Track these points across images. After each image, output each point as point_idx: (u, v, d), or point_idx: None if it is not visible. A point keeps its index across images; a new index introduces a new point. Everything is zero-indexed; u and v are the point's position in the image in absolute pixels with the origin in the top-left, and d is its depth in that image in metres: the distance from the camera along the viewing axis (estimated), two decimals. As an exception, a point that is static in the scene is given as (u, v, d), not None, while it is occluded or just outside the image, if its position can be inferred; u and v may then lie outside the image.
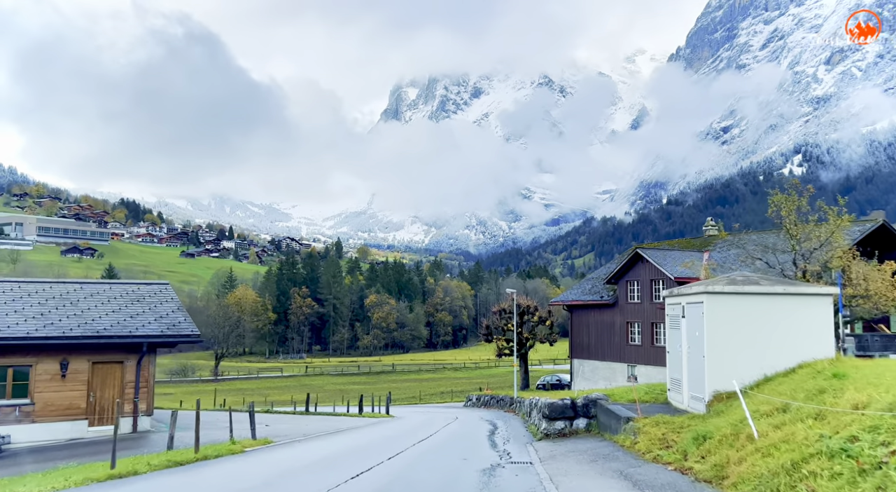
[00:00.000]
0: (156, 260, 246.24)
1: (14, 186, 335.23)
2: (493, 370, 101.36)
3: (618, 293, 38.16)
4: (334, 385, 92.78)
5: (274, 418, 29.64)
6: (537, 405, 18.69)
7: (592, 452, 12.12)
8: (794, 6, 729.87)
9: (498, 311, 41.29)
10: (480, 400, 40.02)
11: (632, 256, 36.72)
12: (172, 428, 15.35)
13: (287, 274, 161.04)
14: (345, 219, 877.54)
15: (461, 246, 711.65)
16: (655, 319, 35.54)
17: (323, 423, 25.92)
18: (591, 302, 39.56)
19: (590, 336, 40.19)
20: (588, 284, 41.79)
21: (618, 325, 38.06)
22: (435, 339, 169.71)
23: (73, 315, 19.30)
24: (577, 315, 41.27)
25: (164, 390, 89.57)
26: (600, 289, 40.25)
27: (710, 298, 12.66)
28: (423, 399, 60.03)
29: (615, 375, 38.10)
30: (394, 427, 23.51)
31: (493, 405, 37.33)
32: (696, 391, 13.08)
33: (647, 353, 36.07)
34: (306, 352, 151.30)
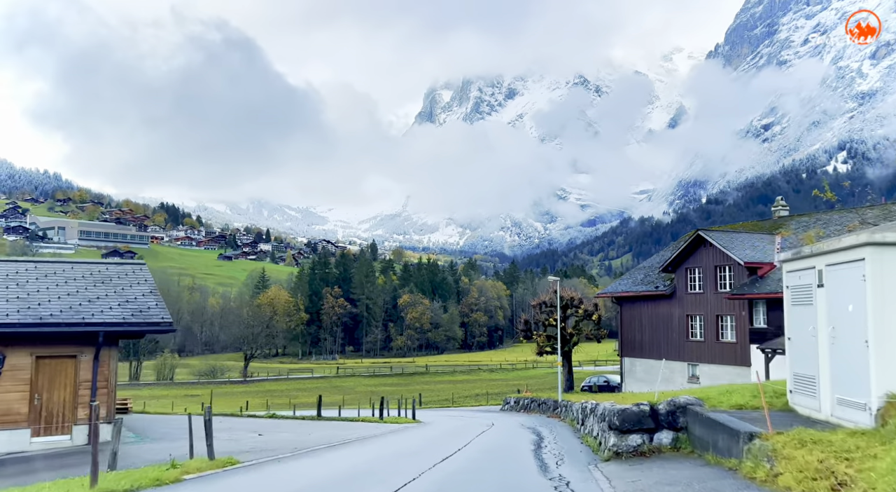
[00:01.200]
0: (194, 263, 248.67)
1: (58, 192, 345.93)
2: (531, 372, 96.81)
3: (676, 283, 33.50)
4: (365, 387, 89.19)
5: (275, 424, 25.74)
6: (597, 412, 14.31)
7: (702, 487, 7.81)
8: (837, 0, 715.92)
9: (538, 304, 36.84)
10: (519, 403, 35.75)
11: (692, 240, 32.05)
12: (116, 443, 11.44)
13: (320, 274, 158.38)
14: (380, 222, 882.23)
15: (496, 248, 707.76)
16: (720, 312, 30.82)
17: (332, 431, 21.90)
18: (644, 293, 34.96)
19: (643, 332, 35.57)
20: (640, 274, 37.17)
21: (676, 318, 33.40)
22: (470, 340, 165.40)
23: (15, 298, 15.61)
24: (628, 308, 36.67)
25: (190, 391, 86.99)
26: (654, 278, 35.63)
27: (880, 253, 8.23)
28: (456, 402, 55.87)
29: (673, 375, 33.44)
30: (415, 437, 19.36)
31: (534, 409, 32.99)
32: (850, 394, 8.67)
33: (710, 350, 31.36)
34: (339, 353, 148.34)
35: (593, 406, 15.69)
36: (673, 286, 33.58)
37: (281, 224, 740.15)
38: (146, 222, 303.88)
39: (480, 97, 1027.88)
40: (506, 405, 37.62)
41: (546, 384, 72.36)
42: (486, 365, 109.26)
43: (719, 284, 30.94)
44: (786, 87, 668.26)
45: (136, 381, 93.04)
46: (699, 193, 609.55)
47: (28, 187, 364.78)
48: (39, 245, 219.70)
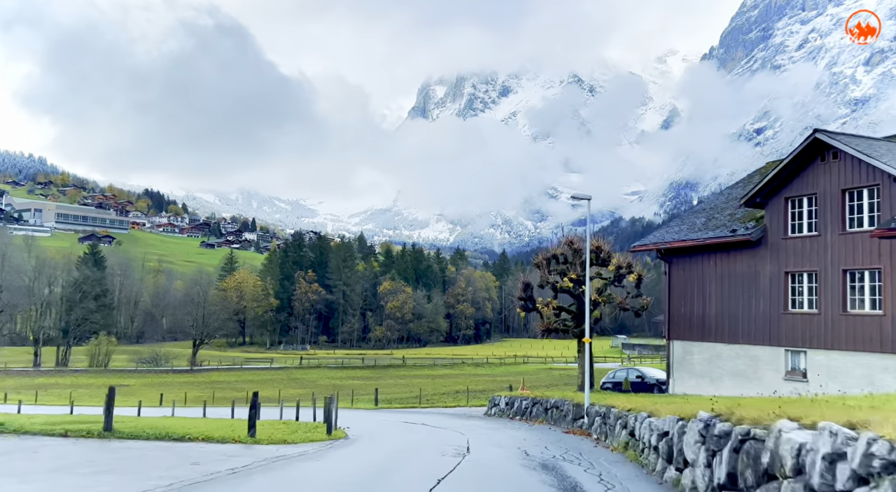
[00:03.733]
0: (174, 249, 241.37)
1: (40, 175, 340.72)
2: (523, 367, 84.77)
3: (768, 222, 21.36)
4: (330, 380, 77.01)
5: None
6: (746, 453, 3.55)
7: None
8: (833, 6, 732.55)
9: (544, 260, 24.51)
10: (513, 407, 23.64)
11: (804, 149, 19.84)
12: None
13: (293, 257, 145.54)
14: (370, 216, 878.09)
15: (486, 245, 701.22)
16: (852, 264, 18.71)
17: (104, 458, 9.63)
18: (710, 241, 22.80)
19: (705, 301, 23.47)
20: (699, 218, 25.00)
21: (765, 278, 21.28)
22: (455, 333, 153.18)
23: None
24: (681, 267, 24.54)
25: (123, 380, 74.37)
26: (726, 220, 23.52)
27: None
28: (429, 401, 43.63)
29: (757, 367, 21.41)
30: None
31: (537, 416, 20.85)
32: None
33: (830, 328, 19.27)
34: (311, 343, 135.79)
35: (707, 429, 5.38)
36: (762, 229, 21.41)
37: (270, 216, 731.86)
38: (128, 208, 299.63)
39: (474, 94, 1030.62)
40: (492, 408, 25.63)
41: (542, 381, 60.15)
42: (470, 359, 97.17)
43: (849, 219, 18.83)
44: (779, 91, 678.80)
45: (63, 367, 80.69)
46: (690, 195, 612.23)
47: (12, 171, 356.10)
48: (13, 227, 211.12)
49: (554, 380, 64.61)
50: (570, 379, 65.38)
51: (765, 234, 21.35)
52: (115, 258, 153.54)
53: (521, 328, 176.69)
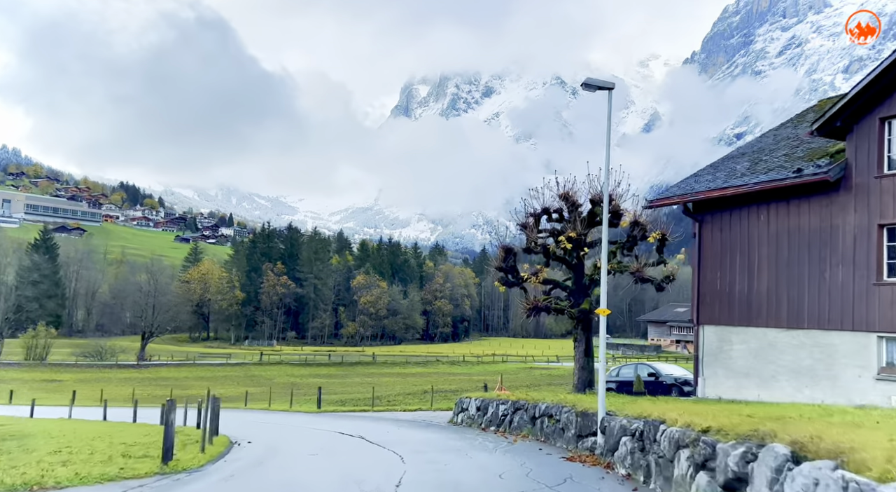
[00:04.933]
0: (148, 243, 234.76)
1: (11, 166, 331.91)
2: (501, 366, 78.57)
3: (851, 157, 15.08)
4: (289, 377, 70.24)
5: None
6: None
7: None
8: (813, 13, 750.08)
9: (534, 217, 17.78)
10: (487, 413, 17.14)
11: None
12: None
13: (261, 248, 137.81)
14: (351, 214, 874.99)
15: (467, 245, 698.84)
16: None
17: None
18: (764, 187, 16.48)
19: (751, 271, 17.23)
20: (740, 164, 18.59)
21: (848, 236, 15.03)
22: (432, 330, 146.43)
23: None
24: (717, 226, 18.24)
25: (57, 375, 67.04)
26: (781, 161, 17.23)
27: None
28: (390, 402, 36.97)
29: (832, 362, 15.23)
30: None
31: (521, 428, 14.29)
32: None
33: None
34: (279, 339, 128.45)
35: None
36: (841, 166, 15.09)
37: (250, 212, 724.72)
38: (102, 201, 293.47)
39: (457, 94, 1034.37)
40: (459, 413, 19.15)
41: (522, 381, 53.75)
42: (445, 357, 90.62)
43: None
44: (759, 96, 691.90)
45: (-7, 360, 73.09)
46: None
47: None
48: None
49: (535, 380, 58.34)
50: (553, 379, 59.04)
51: (847, 172, 15.03)
52: (75, 248, 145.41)
53: (501, 327, 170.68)
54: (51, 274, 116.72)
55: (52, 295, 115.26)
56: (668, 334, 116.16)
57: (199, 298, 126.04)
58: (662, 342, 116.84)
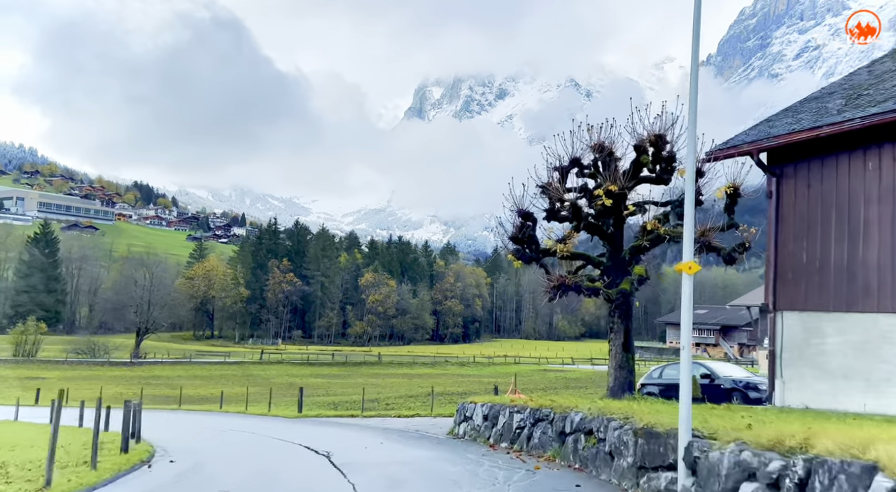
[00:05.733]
0: (159, 242, 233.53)
1: (26, 164, 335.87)
2: (514, 368, 73.98)
3: None
4: (289, 377, 66.24)
5: None
6: None
7: None
8: (831, 16, 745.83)
9: (562, 170, 13.52)
10: (497, 423, 12.84)
11: None
12: None
13: (267, 245, 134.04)
14: (364, 215, 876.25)
15: (479, 247, 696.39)
16: None
17: None
18: (877, 121, 12.11)
19: (853, 239, 12.86)
20: (832, 102, 14.31)
21: None
22: (442, 331, 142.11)
23: None
24: (804, 181, 13.87)
25: (43, 372, 63.41)
26: (893, 91, 12.81)
27: None
28: (389, 406, 32.79)
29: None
30: None
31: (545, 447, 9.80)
32: None
33: None
34: (284, 338, 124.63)
35: None
36: None
37: (263, 213, 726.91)
38: (115, 200, 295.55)
39: (471, 96, 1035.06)
40: (461, 423, 14.93)
41: (537, 384, 49.29)
42: (455, 358, 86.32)
43: None
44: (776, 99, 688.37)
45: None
46: None
47: (2, 161, 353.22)
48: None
49: (551, 383, 53.80)
50: (570, 382, 54.60)
51: None
52: (79, 244, 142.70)
53: (513, 329, 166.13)
54: (50, 269, 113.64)
55: (52, 290, 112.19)
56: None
57: (202, 295, 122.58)
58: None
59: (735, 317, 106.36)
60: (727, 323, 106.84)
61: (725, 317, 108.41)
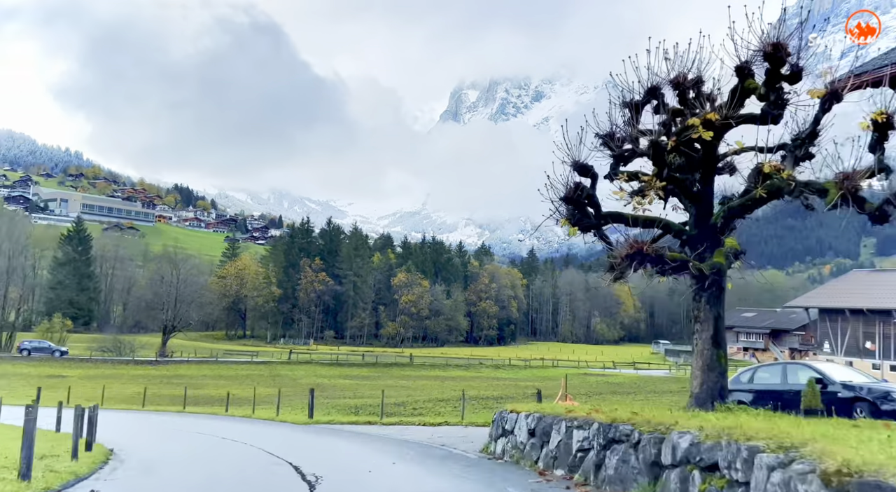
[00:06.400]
0: (197, 243, 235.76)
1: (71, 167, 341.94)
2: (552, 371, 70.27)
3: None
4: (315, 378, 63.42)
5: None
6: None
7: None
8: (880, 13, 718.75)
9: (634, 105, 10.33)
10: (549, 441, 9.32)
11: None
12: None
13: (299, 243, 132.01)
14: (399, 218, 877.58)
15: (514, 250, 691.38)
16: None
17: None
18: None
19: None
20: None
21: None
22: (476, 333, 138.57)
23: None
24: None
25: (63, 370, 61.58)
26: None
27: None
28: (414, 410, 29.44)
29: None
30: None
31: (625, 483, 6.33)
32: None
33: None
34: (317, 338, 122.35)
35: None
36: None
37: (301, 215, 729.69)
38: (156, 202, 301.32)
39: (507, 98, 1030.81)
40: (500, 439, 11.49)
41: (578, 389, 45.49)
42: (490, 360, 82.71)
43: None
44: None
45: (7, 352, 68.34)
46: None
47: (48, 164, 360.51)
48: (38, 216, 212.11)
49: (593, 388, 49.96)
50: (615, 388, 50.74)
51: None
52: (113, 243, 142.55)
53: (550, 332, 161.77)
54: (83, 266, 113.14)
55: (84, 288, 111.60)
56: (735, 341, 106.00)
57: (234, 294, 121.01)
58: (729, 350, 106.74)
59: (786, 320, 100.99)
60: (777, 327, 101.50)
61: (775, 320, 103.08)
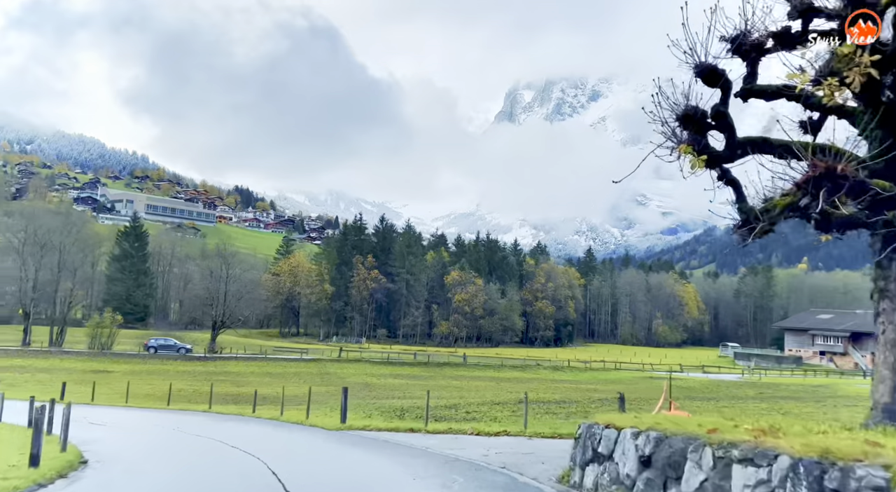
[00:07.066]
0: (256, 243, 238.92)
1: (137, 170, 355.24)
2: (616, 374, 66.04)
3: None
4: (365, 377, 60.94)
5: None
6: None
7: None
8: None
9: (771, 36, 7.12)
10: (683, 481, 5.98)
11: None
12: None
13: (352, 241, 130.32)
14: (453, 219, 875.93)
15: (570, 252, 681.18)
16: None
17: None
18: None
19: None
20: None
21: None
22: (532, 334, 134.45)
23: None
24: None
25: (110, 365, 60.54)
26: None
27: None
28: (468, 413, 26.19)
29: None
30: None
31: None
32: None
33: None
34: (369, 337, 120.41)
35: None
36: None
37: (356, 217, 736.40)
38: (217, 203, 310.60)
39: (563, 98, 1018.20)
40: (590, 465, 8.00)
41: (645, 393, 41.36)
42: (547, 361, 78.82)
43: None
44: None
45: (56, 347, 67.93)
46: None
47: (116, 166, 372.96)
48: (105, 216, 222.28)
49: (660, 392, 45.78)
50: (686, 393, 46.43)
51: None
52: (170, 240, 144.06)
53: (609, 334, 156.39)
54: (139, 263, 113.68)
55: (141, 284, 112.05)
56: (811, 345, 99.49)
57: (288, 291, 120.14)
58: (803, 354, 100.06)
59: (866, 323, 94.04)
60: (858, 330, 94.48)
61: (855, 323, 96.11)
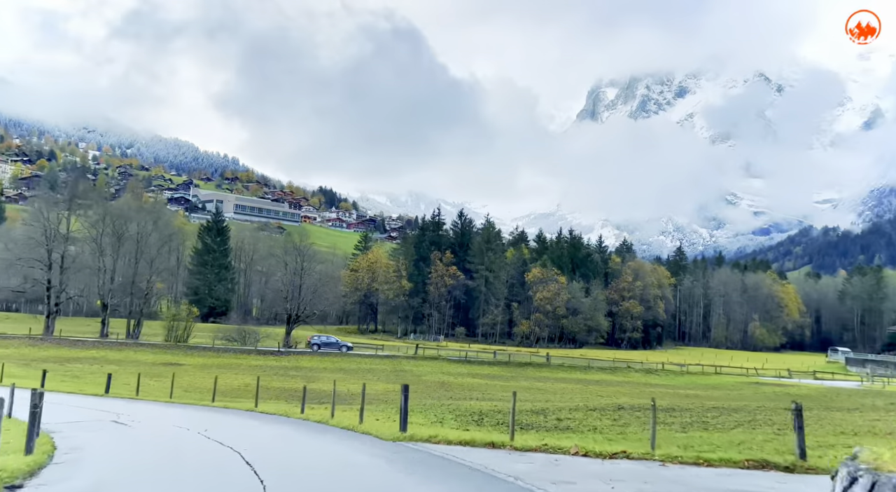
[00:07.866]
0: (338, 242, 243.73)
1: (227, 171, 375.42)
2: (714, 379, 60.17)
3: None
4: (443, 375, 57.57)
5: None
6: None
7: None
8: None
9: None
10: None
11: None
12: None
13: (430, 237, 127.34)
14: (533, 220, 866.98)
15: (655, 252, 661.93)
16: None
17: None
18: None
19: None
20: None
21: None
22: (619, 335, 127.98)
23: None
24: None
25: (183, 358, 59.24)
26: None
27: None
28: (559, 422, 22.03)
29: None
30: None
31: None
32: None
33: None
34: (447, 335, 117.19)
35: None
36: None
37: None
38: (302, 203, 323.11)
39: (648, 95, 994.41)
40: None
41: (753, 401, 35.97)
42: (638, 363, 73.31)
43: None
44: None
45: (132, 339, 67.66)
46: (895, 204, 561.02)
47: (209, 169, 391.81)
48: (195, 215, 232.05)
49: (779, 402, 39.92)
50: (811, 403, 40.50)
51: None
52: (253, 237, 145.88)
53: (701, 337, 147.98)
54: (220, 257, 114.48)
55: (222, 279, 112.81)
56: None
57: (366, 287, 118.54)
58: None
59: None
60: None
61: None
